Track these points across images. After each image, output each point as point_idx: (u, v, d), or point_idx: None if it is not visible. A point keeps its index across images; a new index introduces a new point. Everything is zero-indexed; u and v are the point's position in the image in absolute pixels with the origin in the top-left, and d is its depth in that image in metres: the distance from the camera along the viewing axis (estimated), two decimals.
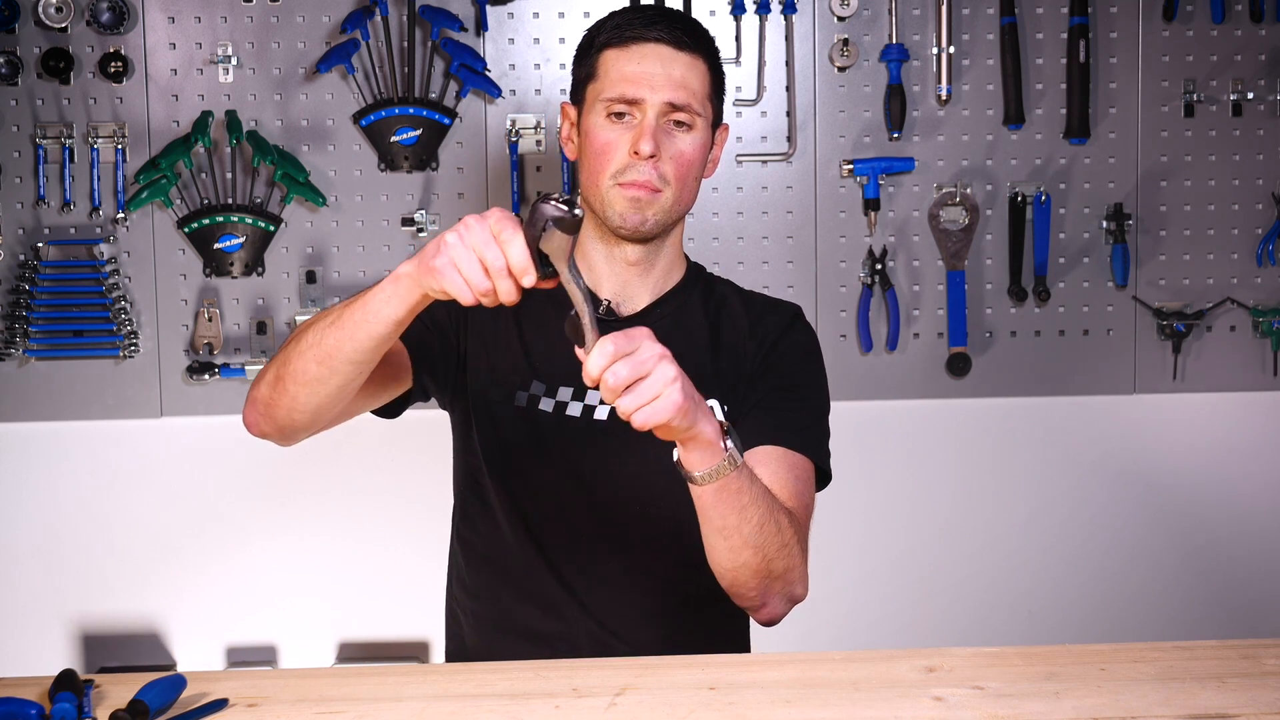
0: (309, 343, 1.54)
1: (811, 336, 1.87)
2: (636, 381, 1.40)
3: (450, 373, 1.81)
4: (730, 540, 1.59)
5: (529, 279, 1.37)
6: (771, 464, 1.71)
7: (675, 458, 1.53)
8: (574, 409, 1.78)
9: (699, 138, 1.76)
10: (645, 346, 1.41)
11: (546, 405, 1.79)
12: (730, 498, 1.55)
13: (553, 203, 1.36)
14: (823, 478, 1.80)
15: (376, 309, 1.47)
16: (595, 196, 1.75)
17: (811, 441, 1.78)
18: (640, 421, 1.41)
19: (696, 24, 1.82)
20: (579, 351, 1.41)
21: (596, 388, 1.41)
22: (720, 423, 1.52)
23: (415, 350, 1.76)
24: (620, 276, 1.80)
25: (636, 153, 1.71)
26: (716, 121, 1.82)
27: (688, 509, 1.59)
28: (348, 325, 1.50)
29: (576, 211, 1.36)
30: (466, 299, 1.38)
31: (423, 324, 1.52)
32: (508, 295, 1.38)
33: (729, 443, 1.51)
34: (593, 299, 1.41)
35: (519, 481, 1.80)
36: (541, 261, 1.37)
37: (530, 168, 2.79)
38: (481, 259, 1.37)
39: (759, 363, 1.81)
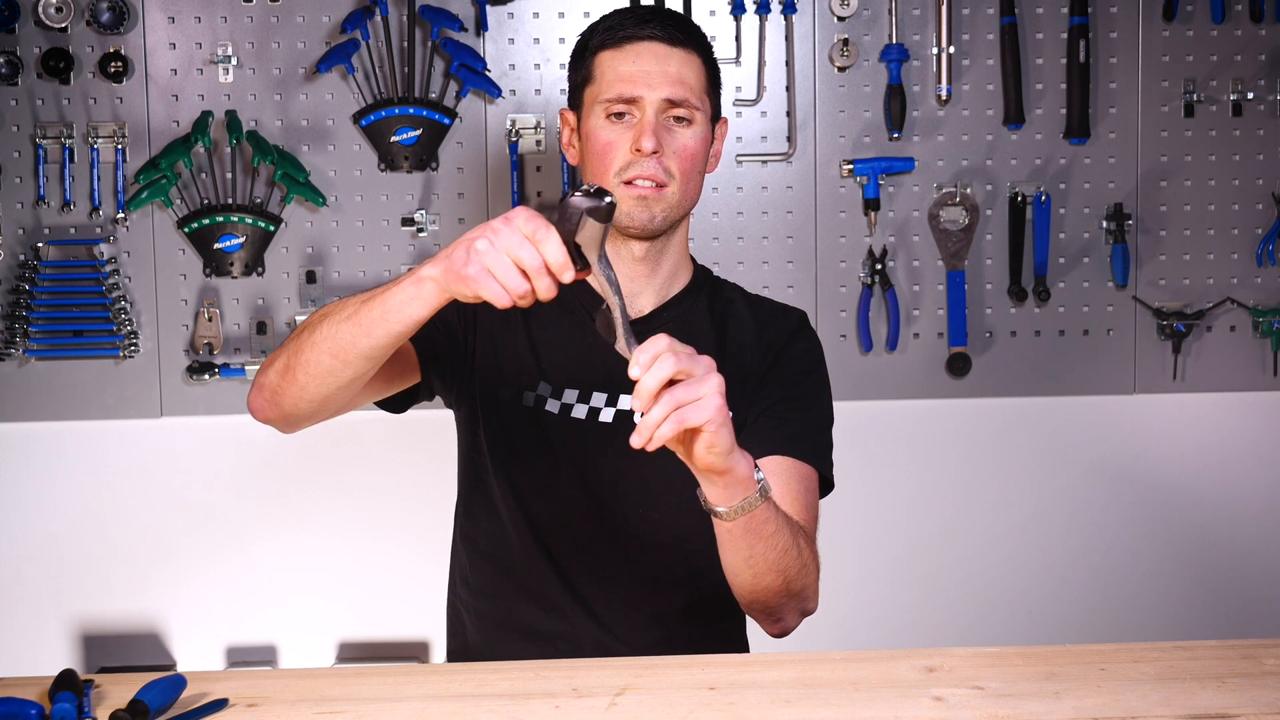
0: (323, 335, 1.53)
1: (816, 344, 1.88)
2: (680, 384, 1.37)
3: (458, 372, 1.81)
4: (755, 568, 1.59)
5: (568, 274, 1.36)
6: (782, 476, 1.71)
7: (701, 496, 1.52)
8: (580, 411, 1.79)
9: (699, 132, 1.76)
10: (695, 355, 1.39)
11: (553, 406, 1.79)
12: (758, 527, 1.54)
13: (583, 194, 1.36)
14: (826, 486, 1.81)
15: (397, 309, 1.47)
16: None
17: (817, 452, 1.78)
18: (679, 420, 1.37)
19: (688, 20, 1.84)
20: (620, 347, 1.39)
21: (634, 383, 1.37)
22: (759, 476, 1.51)
23: (424, 349, 1.76)
24: (626, 275, 1.80)
25: (639, 150, 1.72)
26: (715, 116, 1.82)
27: (691, 514, 1.59)
28: (365, 322, 1.49)
29: (609, 199, 1.36)
30: (503, 303, 1.38)
31: (431, 323, 1.53)
32: (547, 293, 1.37)
33: (760, 474, 1.51)
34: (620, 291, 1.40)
35: (524, 481, 1.80)
36: (575, 254, 1.36)
37: (530, 168, 2.79)
38: (516, 261, 1.36)
39: (765, 369, 1.82)
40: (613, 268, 1.40)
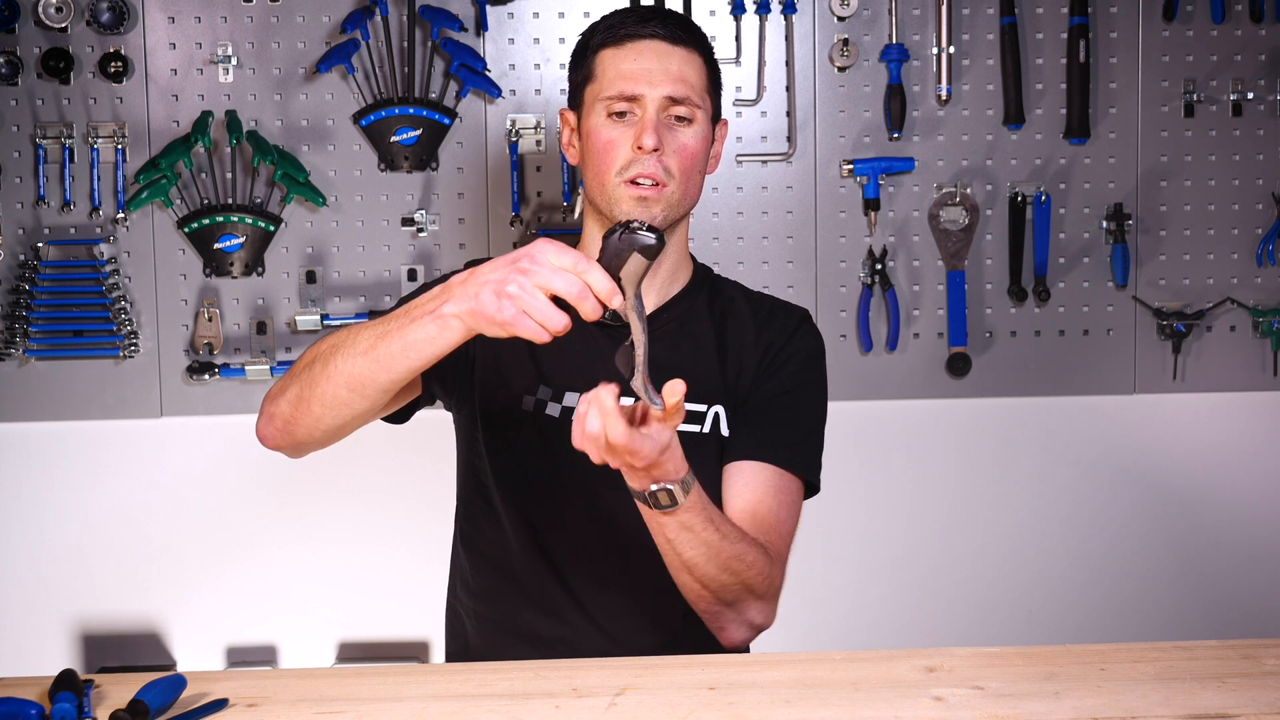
0: (338, 369, 1.53)
1: (817, 342, 1.87)
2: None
3: (459, 378, 1.81)
4: (669, 559, 1.62)
5: (617, 299, 1.37)
6: (756, 486, 1.72)
7: None
8: None
9: (700, 131, 1.76)
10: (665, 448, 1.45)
11: (553, 410, 1.79)
12: (657, 529, 1.58)
13: (636, 231, 1.38)
14: (811, 489, 1.80)
15: (419, 348, 1.47)
16: (601, 197, 1.76)
17: (802, 457, 1.78)
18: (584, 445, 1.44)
19: (689, 20, 1.84)
20: (636, 385, 1.41)
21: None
22: (669, 487, 1.51)
23: None
24: None
25: (640, 148, 1.71)
26: (715, 116, 1.82)
27: None
28: (384, 358, 1.50)
29: (659, 235, 1.39)
30: (543, 339, 1.39)
31: None
32: (592, 313, 1.38)
33: (660, 486, 1.51)
34: (648, 330, 1.42)
35: (524, 486, 1.80)
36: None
37: (530, 168, 2.79)
38: (555, 294, 1.37)
39: (763, 366, 1.81)
40: (644, 305, 1.40)
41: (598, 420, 1.40)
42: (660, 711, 1.36)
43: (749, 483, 1.72)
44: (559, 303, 1.38)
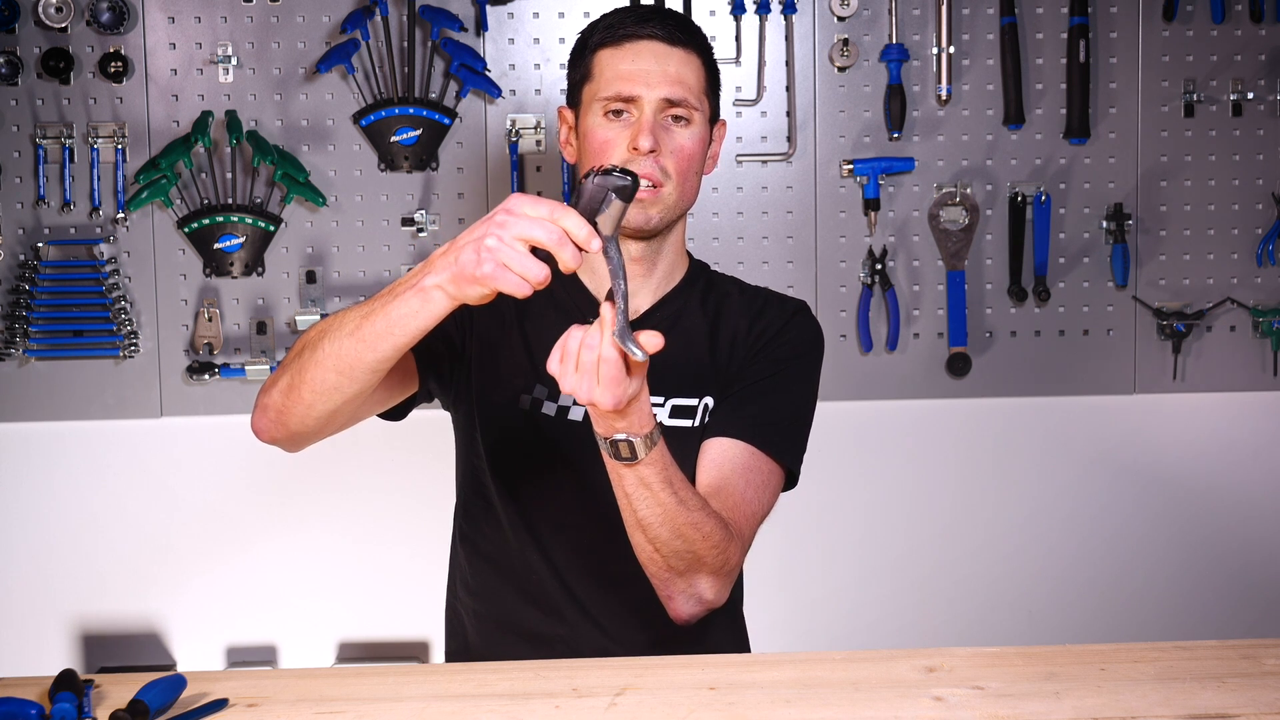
0: (326, 352, 1.53)
1: (811, 332, 1.86)
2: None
3: (455, 376, 1.81)
4: (626, 516, 1.60)
5: (596, 243, 1.36)
6: (723, 462, 1.71)
7: None
8: (576, 413, 1.78)
9: (697, 132, 1.76)
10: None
11: (549, 409, 1.79)
12: (616, 481, 1.56)
13: (606, 173, 1.37)
14: (789, 479, 1.79)
15: (403, 323, 1.46)
16: None
17: (779, 439, 1.76)
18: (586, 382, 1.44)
19: (688, 20, 1.83)
20: (615, 332, 1.40)
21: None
22: (631, 439, 1.50)
23: (422, 355, 1.76)
24: None
25: (636, 149, 1.71)
26: (714, 117, 1.82)
27: None
28: (369, 337, 1.49)
29: (632, 176, 1.38)
30: (524, 293, 1.37)
31: None
32: (573, 261, 1.36)
33: (612, 440, 1.50)
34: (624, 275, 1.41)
35: (522, 484, 1.80)
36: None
37: (530, 168, 2.79)
38: (533, 243, 1.35)
39: (753, 352, 1.81)
40: (621, 254, 1.40)
41: (596, 334, 1.40)
42: (660, 711, 1.36)
43: (716, 459, 1.71)
44: (541, 257, 1.37)
